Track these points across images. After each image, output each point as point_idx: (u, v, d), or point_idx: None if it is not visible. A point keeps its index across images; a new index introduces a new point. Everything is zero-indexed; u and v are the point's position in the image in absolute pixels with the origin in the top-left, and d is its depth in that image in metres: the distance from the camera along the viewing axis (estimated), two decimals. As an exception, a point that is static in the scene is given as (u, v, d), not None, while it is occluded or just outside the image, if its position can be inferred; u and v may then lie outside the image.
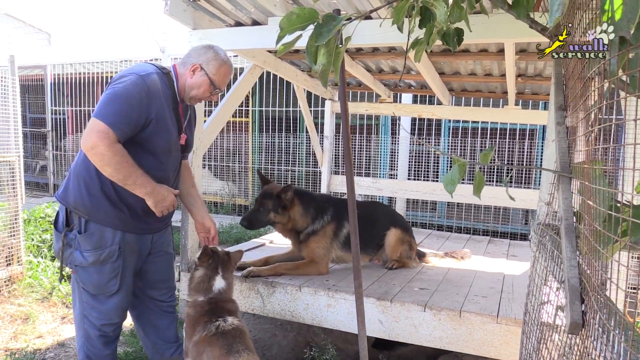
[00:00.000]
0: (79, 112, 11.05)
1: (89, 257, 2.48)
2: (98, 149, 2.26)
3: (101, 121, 2.27)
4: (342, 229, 3.63)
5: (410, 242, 3.96)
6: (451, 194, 1.42)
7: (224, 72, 2.66)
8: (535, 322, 1.71)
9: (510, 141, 7.43)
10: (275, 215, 3.53)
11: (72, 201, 2.50)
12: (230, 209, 9.33)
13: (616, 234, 1.00)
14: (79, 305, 2.64)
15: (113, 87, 2.39)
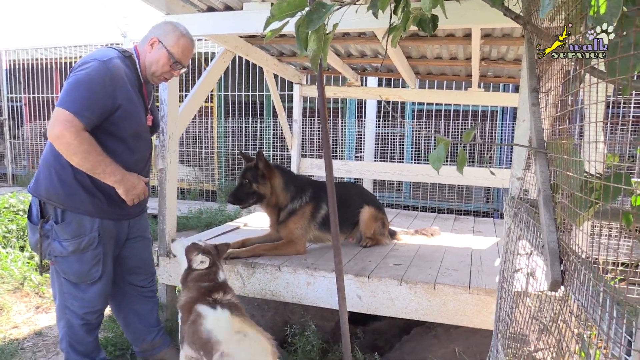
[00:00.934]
0: (36, 99, 10.70)
1: (69, 246, 2.48)
2: (64, 139, 2.24)
3: (66, 110, 2.25)
4: (320, 210, 3.74)
5: (383, 220, 4.11)
6: (437, 171, 1.54)
7: (183, 45, 2.63)
8: (510, 288, 1.86)
9: (472, 123, 7.68)
10: (258, 185, 3.60)
11: (44, 192, 2.47)
12: (198, 194, 9.29)
13: (589, 200, 1.14)
14: (59, 296, 2.64)
15: (75, 75, 2.35)
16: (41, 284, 4.55)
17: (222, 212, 7.42)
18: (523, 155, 1.90)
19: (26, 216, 2.65)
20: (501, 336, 1.86)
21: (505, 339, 1.85)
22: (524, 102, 1.91)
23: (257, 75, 8.85)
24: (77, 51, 10.19)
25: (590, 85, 1.15)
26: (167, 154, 3.50)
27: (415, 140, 8.27)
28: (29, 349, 3.46)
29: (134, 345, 3.09)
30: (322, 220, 3.74)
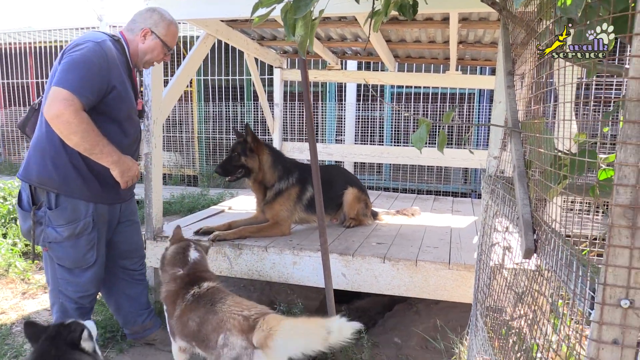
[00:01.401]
0: (10, 84, 10.49)
1: (64, 231, 2.49)
2: (64, 117, 2.24)
3: (64, 89, 2.24)
4: (306, 192, 3.84)
5: (366, 201, 4.22)
6: (420, 150, 1.63)
7: (173, 32, 2.73)
8: (487, 261, 1.98)
9: (450, 105, 7.82)
10: (246, 159, 3.70)
11: (35, 177, 2.46)
12: (179, 179, 9.29)
13: (559, 175, 1.25)
14: (52, 281, 2.66)
15: (70, 55, 2.35)
16: (26, 270, 4.56)
17: (204, 197, 7.46)
18: (499, 136, 2.01)
19: (16, 203, 2.65)
20: (480, 305, 1.98)
21: (484, 308, 1.98)
22: (500, 85, 2.01)
23: (237, 59, 8.83)
24: (52, 35, 9.99)
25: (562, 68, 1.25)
26: (152, 138, 3.54)
27: (395, 123, 8.39)
28: (18, 334, 3.49)
29: (125, 328, 3.15)
30: (308, 202, 3.83)
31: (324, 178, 3.93)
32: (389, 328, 3.79)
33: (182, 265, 2.61)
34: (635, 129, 0.83)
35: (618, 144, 0.86)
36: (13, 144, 10.71)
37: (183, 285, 2.51)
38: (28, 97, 10.45)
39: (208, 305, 2.34)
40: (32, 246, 2.60)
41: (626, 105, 0.84)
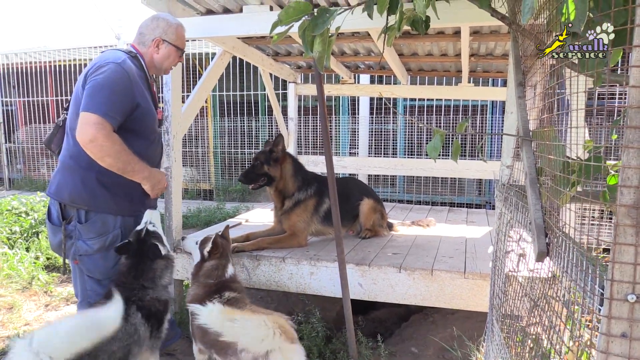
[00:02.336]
0: (30, 102, 10.76)
1: (94, 244, 2.57)
2: (97, 141, 2.33)
3: (94, 113, 2.33)
4: (323, 204, 3.90)
5: (381, 212, 4.27)
6: (435, 160, 1.70)
7: (182, 34, 2.83)
8: (502, 267, 2.03)
9: (463, 117, 7.87)
10: (269, 167, 3.77)
11: (67, 196, 2.55)
12: (195, 193, 9.42)
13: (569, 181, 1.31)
14: (82, 293, 2.73)
15: (94, 79, 2.42)
16: (49, 282, 4.67)
17: (220, 210, 7.56)
18: (512, 145, 2.06)
19: (45, 218, 2.73)
20: (495, 311, 2.02)
21: (500, 314, 2.02)
22: (511, 96, 2.07)
23: (251, 75, 8.98)
24: (70, 54, 10.26)
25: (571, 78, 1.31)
26: (172, 152, 3.64)
27: (408, 136, 8.45)
28: (43, 344, 3.58)
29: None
30: (324, 215, 3.90)
31: (340, 190, 3.99)
32: (405, 338, 3.82)
33: (216, 279, 2.75)
34: (637, 133, 0.89)
35: (621, 148, 0.92)
36: (33, 160, 10.95)
37: (209, 292, 2.64)
38: (47, 115, 10.71)
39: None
40: (63, 260, 2.66)
41: (628, 112, 0.90)
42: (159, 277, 2.55)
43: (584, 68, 1.10)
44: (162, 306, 2.53)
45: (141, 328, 2.39)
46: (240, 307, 2.52)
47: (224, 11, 3.82)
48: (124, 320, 2.27)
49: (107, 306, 2.17)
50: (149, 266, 2.53)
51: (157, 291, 2.52)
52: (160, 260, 2.58)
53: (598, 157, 1.23)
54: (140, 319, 2.39)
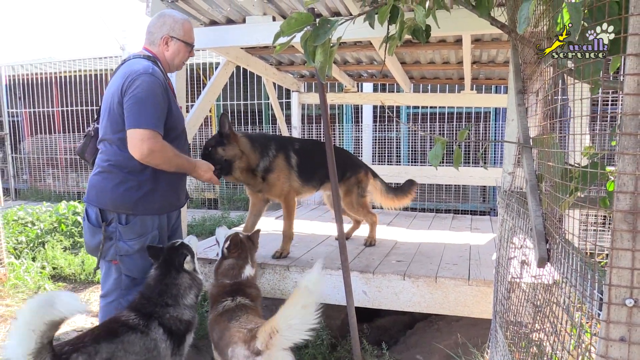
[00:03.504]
0: (36, 113, 10.85)
1: (135, 244, 2.66)
2: (155, 153, 2.49)
3: (145, 129, 2.47)
4: (291, 158, 3.79)
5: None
6: (436, 167, 1.71)
7: (189, 29, 2.86)
8: (505, 273, 2.04)
9: (467, 124, 7.88)
10: (224, 149, 3.46)
11: (110, 203, 2.63)
12: (200, 202, 9.45)
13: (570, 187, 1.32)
14: (115, 293, 2.76)
15: (134, 94, 2.50)
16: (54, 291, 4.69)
17: (225, 219, 7.58)
18: (513, 152, 2.08)
19: (84, 220, 2.78)
20: (499, 318, 2.03)
21: (503, 321, 2.02)
22: (512, 103, 2.09)
23: (254, 84, 9.04)
24: (75, 65, 10.34)
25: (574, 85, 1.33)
26: (177, 162, 3.66)
27: (412, 144, 8.46)
28: (49, 354, 3.60)
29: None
30: (298, 169, 3.79)
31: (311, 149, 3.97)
32: (410, 345, 3.82)
33: (232, 279, 2.79)
34: (631, 140, 0.91)
35: (617, 155, 0.94)
36: (39, 170, 11.02)
37: (222, 293, 2.71)
38: (53, 125, 10.78)
39: (226, 322, 2.50)
40: (98, 260, 2.72)
41: (622, 119, 0.92)
42: (182, 295, 2.57)
43: (579, 75, 1.12)
44: (183, 325, 2.53)
45: (162, 345, 2.40)
46: (240, 315, 2.54)
47: (227, 22, 3.87)
48: (143, 335, 2.31)
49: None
50: (173, 281, 2.56)
51: (178, 309, 2.53)
52: (185, 275, 2.60)
53: (597, 164, 1.24)
54: (161, 335, 2.41)
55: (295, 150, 3.83)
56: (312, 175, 3.91)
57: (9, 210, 6.17)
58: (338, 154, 4.18)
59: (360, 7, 3.01)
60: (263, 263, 3.60)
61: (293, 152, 3.81)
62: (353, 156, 4.68)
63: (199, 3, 3.56)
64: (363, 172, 4.28)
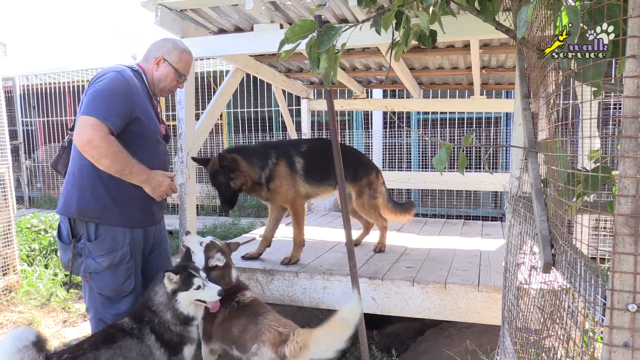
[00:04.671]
0: (49, 122, 11.00)
1: (103, 262, 2.57)
2: (94, 142, 2.35)
3: (91, 116, 2.36)
4: (295, 164, 3.78)
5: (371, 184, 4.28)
6: (441, 172, 1.71)
7: (186, 59, 2.81)
8: (512, 279, 2.02)
9: (477, 129, 7.84)
10: (233, 181, 3.57)
11: (75, 209, 2.55)
12: (211, 209, 9.49)
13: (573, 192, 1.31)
14: (93, 310, 2.72)
15: (94, 87, 2.47)
16: (67, 299, 4.73)
17: (235, 226, 7.61)
18: (520, 157, 2.06)
19: (56, 236, 2.74)
20: (507, 323, 2.01)
21: (512, 327, 2.00)
22: (518, 107, 2.08)
23: (265, 91, 9.08)
24: (88, 74, 10.47)
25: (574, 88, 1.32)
26: (186, 169, 3.70)
27: (422, 149, 8.43)
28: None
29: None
30: (304, 172, 3.78)
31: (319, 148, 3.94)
32: (420, 352, 3.79)
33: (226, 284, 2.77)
34: (632, 143, 0.90)
35: (618, 158, 0.93)
36: (52, 179, 11.15)
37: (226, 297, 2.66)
38: (66, 134, 10.90)
39: (251, 317, 2.55)
40: (69, 277, 2.69)
41: (623, 122, 0.91)
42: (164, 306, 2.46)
43: (581, 78, 1.11)
44: (175, 337, 2.46)
45: (156, 352, 2.38)
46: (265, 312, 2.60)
47: (235, 30, 3.90)
48: (138, 340, 2.31)
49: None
50: (156, 291, 2.49)
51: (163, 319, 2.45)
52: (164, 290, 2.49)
53: (604, 168, 1.23)
54: (154, 342, 2.38)
55: (301, 154, 3.82)
56: (326, 175, 3.88)
57: (22, 218, 6.24)
58: (350, 154, 4.25)
59: (367, 13, 3.03)
60: (272, 270, 3.61)
61: (298, 155, 3.79)
62: (365, 157, 4.67)
63: (208, 12, 3.59)
64: (375, 173, 4.27)
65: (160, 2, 3.40)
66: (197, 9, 3.58)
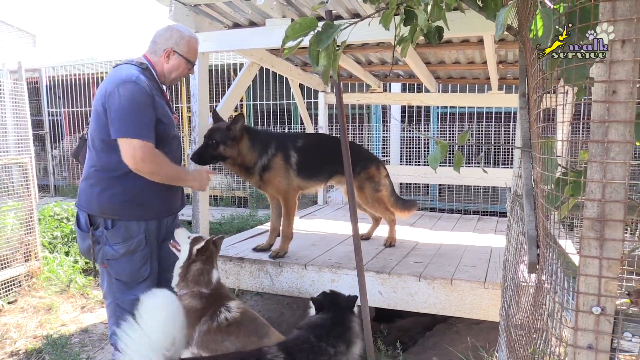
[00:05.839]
0: (74, 112, 11.25)
1: (120, 249, 2.69)
2: (147, 163, 2.52)
3: (134, 138, 2.48)
4: (290, 157, 3.79)
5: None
6: (435, 170, 1.72)
7: (194, 47, 2.87)
8: (511, 278, 2.02)
9: (497, 124, 7.75)
10: (225, 148, 3.50)
11: (97, 208, 2.68)
12: (230, 201, 9.61)
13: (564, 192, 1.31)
14: (111, 296, 2.85)
15: (119, 102, 2.51)
16: (85, 285, 4.88)
17: (253, 218, 7.70)
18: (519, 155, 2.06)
19: (75, 225, 2.86)
20: (502, 321, 2.02)
21: (508, 325, 2.01)
22: (520, 106, 2.07)
23: (285, 84, 9.11)
24: (113, 66, 10.66)
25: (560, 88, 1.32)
26: (199, 162, 3.76)
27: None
28: (76, 345, 3.76)
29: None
30: (297, 167, 3.80)
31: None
32: (428, 347, 3.81)
33: (206, 286, 2.70)
34: (599, 148, 0.91)
35: (587, 163, 0.94)
36: (77, 168, 11.42)
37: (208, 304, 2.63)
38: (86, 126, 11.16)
39: (252, 337, 2.47)
40: (93, 264, 2.78)
41: (591, 127, 0.92)
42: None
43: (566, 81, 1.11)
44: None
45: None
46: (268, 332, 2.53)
47: (250, 24, 3.94)
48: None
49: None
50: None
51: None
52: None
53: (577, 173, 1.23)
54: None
55: (297, 148, 3.83)
56: (318, 170, 3.94)
57: (45, 206, 6.43)
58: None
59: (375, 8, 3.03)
60: (282, 262, 3.66)
61: (294, 150, 3.80)
62: (364, 150, 4.60)
63: (222, 6, 3.64)
64: (374, 167, 4.21)
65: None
66: (211, 4, 3.62)
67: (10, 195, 4.77)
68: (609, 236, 0.92)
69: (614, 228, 0.91)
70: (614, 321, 0.94)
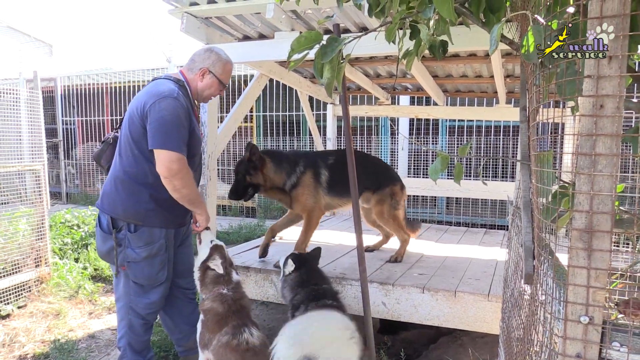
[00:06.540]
0: (88, 122, 11.42)
1: (142, 252, 2.79)
2: (179, 177, 2.62)
3: (171, 151, 2.59)
4: (320, 175, 3.85)
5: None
6: (435, 181, 1.75)
7: (228, 70, 2.99)
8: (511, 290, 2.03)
9: (505, 137, 7.76)
10: (250, 177, 3.67)
11: (122, 212, 2.78)
12: (238, 211, 9.67)
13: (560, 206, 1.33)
14: (125, 298, 2.93)
15: (160, 116, 2.62)
16: (94, 292, 4.93)
17: (260, 227, 7.73)
18: (522, 168, 2.08)
19: (96, 227, 2.93)
20: (502, 333, 2.03)
21: (505, 337, 2.02)
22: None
23: (294, 95, 9.20)
24: (125, 76, 10.84)
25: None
26: (207, 171, 3.81)
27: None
28: (82, 350, 3.80)
29: (178, 346, 3.36)
30: (327, 185, 3.85)
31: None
32: (432, 359, 3.80)
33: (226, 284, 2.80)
34: (587, 160, 0.94)
35: (575, 175, 0.96)
36: (89, 176, 11.57)
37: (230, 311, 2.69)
38: (103, 134, 11.33)
39: None
40: (116, 264, 2.84)
41: (579, 140, 0.95)
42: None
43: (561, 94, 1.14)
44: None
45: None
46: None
47: (259, 37, 4.01)
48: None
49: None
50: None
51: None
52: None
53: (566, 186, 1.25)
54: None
55: (327, 166, 3.89)
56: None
57: (57, 213, 6.52)
58: (376, 165, 4.36)
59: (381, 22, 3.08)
60: (287, 271, 3.68)
61: (325, 167, 3.86)
62: (391, 169, 4.68)
63: (232, 19, 3.71)
64: (399, 186, 4.28)
65: (186, 10, 3.53)
66: (221, 17, 3.70)
67: (23, 202, 4.86)
68: (597, 247, 0.94)
69: (602, 239, 0.94)
70: (602, 331, 0.96)
